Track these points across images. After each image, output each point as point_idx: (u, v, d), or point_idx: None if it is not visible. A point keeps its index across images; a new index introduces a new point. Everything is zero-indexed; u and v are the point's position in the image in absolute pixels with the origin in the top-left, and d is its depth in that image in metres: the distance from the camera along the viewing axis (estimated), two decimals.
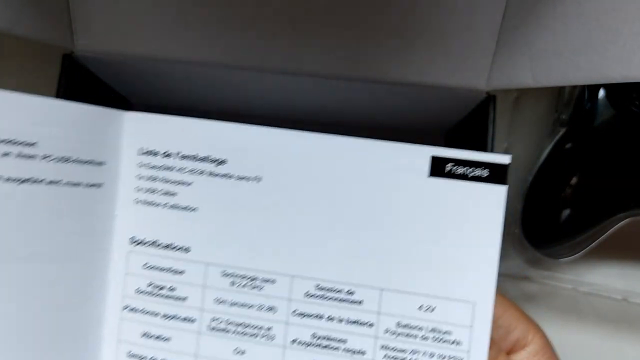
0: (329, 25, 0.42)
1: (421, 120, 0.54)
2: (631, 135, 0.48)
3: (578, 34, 0.37)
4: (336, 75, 0.44)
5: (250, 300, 0.31)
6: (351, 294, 0.30)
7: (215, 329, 0.31)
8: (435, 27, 0.42)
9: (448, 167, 0.30)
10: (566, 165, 0.52)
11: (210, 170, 0.30)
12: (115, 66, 0.46)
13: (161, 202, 0.31)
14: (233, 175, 0.30)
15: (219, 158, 0.30)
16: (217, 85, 0.49)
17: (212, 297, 0.31)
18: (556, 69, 0.39)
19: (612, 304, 0.56)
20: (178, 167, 0.31)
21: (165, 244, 0.31)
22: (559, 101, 0.54)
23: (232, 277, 0.31)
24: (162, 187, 0.31)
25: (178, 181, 0.31)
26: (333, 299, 0.30)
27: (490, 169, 0.29)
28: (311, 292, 0.30)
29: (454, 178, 0.29)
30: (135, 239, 0.31)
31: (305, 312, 0.30)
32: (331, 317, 0.30)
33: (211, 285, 0.31)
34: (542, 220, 0.54)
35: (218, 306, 0.31)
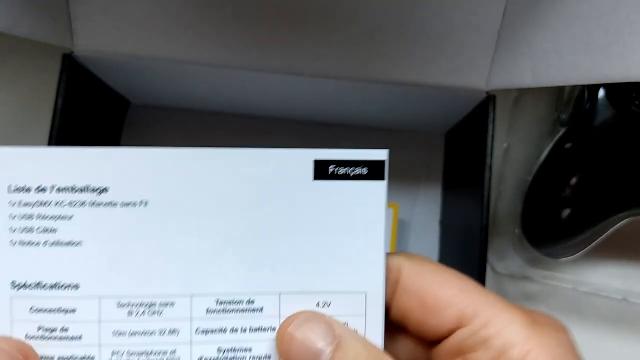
0: (329, 25, 0.42)
1: (421, 120, 0.54)
2: (631, 135, 0.48)
3: (578, 34, 0.37)
4: (336, 75, 0.44)
5: (151, 327, 0.30)
6: (252, 303, 0.30)
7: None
8: (435, 27, 0.42)
9: (331, 169, 0.30)
10: (566, 165, 0.52)
11: (92, 200, 0.29)
12: (115, 66, 0.46)
13: (40, 240, 0.29)
14: (117, 203, 0.29)
15: (100, 186, 0.29)
16: (216, 85, 0.49)
17: (109, 330, 0.29)
18: (556, 69, 0.39)
19: (612, 304, 0.56)
20: (55, 202, 0.28)
21: (51, 284, 0.29)
22: (559, 101, 0.54)
23: (129, 306, 0.29)
24: (40, 224, 0.29)
25: (57, 216, 0.29)
26: (235, 310, 0.30)
27: (369, 167, 0.30)
28: (212, 307, 0.30)
29: (337, 179, 0.30)
30: (17, 283, 0.29)
31: (208, 328, 0.30)
32: (235, 329, 0.30)
33: (107, 319, 0.29)
34: (542, 220, 0.54)
35: (117, 339, 0.29)
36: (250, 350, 0.30)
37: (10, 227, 0.28)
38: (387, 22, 0.42)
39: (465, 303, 0.30)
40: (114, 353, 0.29)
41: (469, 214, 0.50)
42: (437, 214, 0.59)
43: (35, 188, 0.28)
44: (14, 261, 0.29)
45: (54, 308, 0.29)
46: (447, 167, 0.59)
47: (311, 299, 0.30)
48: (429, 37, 0.42)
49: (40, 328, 0.29)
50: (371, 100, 0.49)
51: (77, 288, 0.29)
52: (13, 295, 0.29)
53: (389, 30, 0.42)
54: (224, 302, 0.30)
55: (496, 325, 0.29)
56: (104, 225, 0.29)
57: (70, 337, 0.29)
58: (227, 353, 0.30)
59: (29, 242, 0.28)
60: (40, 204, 0.28)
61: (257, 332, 0.30)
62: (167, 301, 0.29)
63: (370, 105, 0.50)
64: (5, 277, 0.29)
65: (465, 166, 0.53)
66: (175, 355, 0.30)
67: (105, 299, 0.29)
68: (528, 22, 0.40)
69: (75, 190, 0.28)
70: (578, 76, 0.37)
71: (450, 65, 0.44)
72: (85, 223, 0.29)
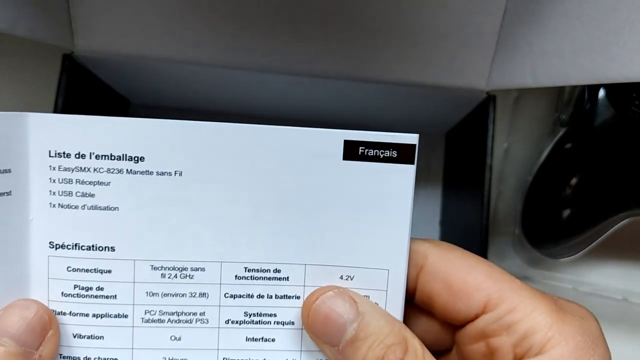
0: (329, 25, 0.42)
1: (421, 120, 0.54)
2: (631, 135, 0.48)
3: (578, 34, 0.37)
4: (336, 75, 0.44)
5: (182, 290, 0.31)
6: (278, 272, 0.32)
7: (150, 321, 0.31)
8: (435, 27, 0.42)
9: (360, 150, 0.31)
10: (566, 165, 0.52)
11: (129, 168, 0.30)
12: (115, 66, 0.46)
13: (79, 204, 0.30)
14: (153, 172, 0.30)
15: (136, 155, 0.30)
16: (216, 85, 0.49)
17: (143, 291, 0.31)
18: (557, 69, 0.39)
19: (612, 304, 0.56)
20: (94, 168, 0.30)
21: (87, 246, 0.30)
22: (559, 101, 0.54)
23: (162, 269, 0.31)
24: (79, 188, 0.30)
25: (95, 182, 0.30)
26: (262, 278, 0.32)
27: (398, 150, 0.31)
28: (240, 274, 0.31)
29: (366, 160, 0.31)
30: (55, 243, 0.30)
31: (236, 293, 0.32)
32: (261, 295, 0.32)
33: (141, 280, 0.31)
34: (542, 220, 0.54)
35: (150, 299, 0.31)
36: (275, 315, 0.32)
37: (49, 190, 0.30)
38: (388, 22, 0.42)
39: (492, 289, 0.31)
40: (147, 312, 0.31)
41: (469, 214, 0.50)
42: (437, 213, 0.59)
43: (75, 154, 0.30)
44: (52, 222, 0.30)
45: (90, 268, 0.30)
46: (447, 167, 0.59)
47: (335, 271, 0.32)
48: (429, 37, 0.42)
49: (76, 286, 0.30)
50: (371, 100, 0.49)
51: (113, 250, 0.30)
52: (50, 254, 0.30)
53: (389, 31, 0.42)
54: (252, 270, 0.32)
55: (521, 311, 0.30)
56: (140, 192, 0.30)
57: (105, 296, 0.31)
58: (253, 317, 0.32)
59: (67, 204, 0.30)
60: (79, 169, 0.30)
61: (282, 299, 0.32)
62: (198, 266, 0.31)
63: (370, 105, 0.50)
64: (43, 237, 0.30)
65: (465, 166, 0.53)
66: (204, 317, 0.32)
67: (139, 262, 0.31)
68: (528, 22, 0.40)
69: (112, 158, 0.30)
70: (578, 76, 0.37)
71: (450, 65, 0.44)
72: (122, 189, 0.30)
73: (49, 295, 0.31)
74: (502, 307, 0.30)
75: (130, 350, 0.31)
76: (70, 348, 0.31)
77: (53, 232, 0.30)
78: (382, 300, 0.32)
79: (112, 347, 0.31)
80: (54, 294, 0.31)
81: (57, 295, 0.31)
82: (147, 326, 0.31)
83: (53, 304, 0.31)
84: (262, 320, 0.32)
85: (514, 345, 0.30)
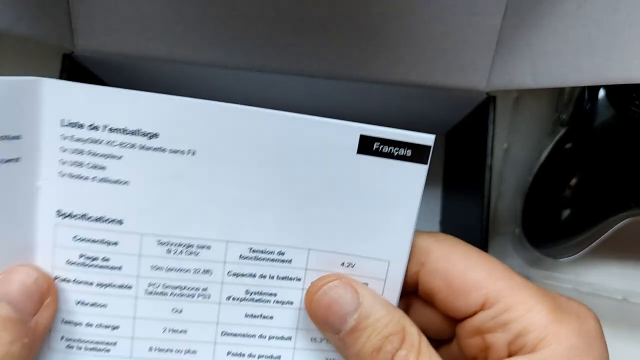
0: (329, 25, 0.42)
1: (421, 120, 0.54)
2: (631, 135, 0.48)
3: (578, 35, 0.37)
4: (336, 75, 0.44)
5: (187, 265, 0.32)
6: (282, 255, 0.32)
7: (153, 293, 0.32)
8: (435, 28, 0.42)
9: (375, 146, 0.31)
10: (566, 165, 0.52)
11: (142, 143, 0.30)
12: (116, 66, 0.46)
13: (89, 175, 0.30)
14: (166, 149, 0.30)
15: (150, 132, 0.30)
16: (217, 85, 0.49)
17: (148, 264, 0.32)
18: (556, 70, 0.39)
19: (612, 304, 0.56)
20: (106, 140, 0.30)
21: (95, 217, 0.31)
22: (559, 101, 0.54)
23: (168, 245, 0.32)
24: (90, 160, 0.30)
25: (107, 154, 0.30)
26: (265, 259, 0.32)
27: (413, 149, 0.31)
28: (245, 254, 0.32)
29: (380, 156, 0.31)
30: (62, 212, 0.31)
31: (239, 272, 0.32)
32: (263, 275, 0.33)
33: (147, 254, 0.32)
34: (542, 220, 0.54)
35: (154, 272, 0.32)
36: (275, 295, 0.33)
37: (60, 159, 0.30)
38: (388, 22, 0.42)
39: (490, 287, 0.31)
40: (150, 284, 0.32)
41: (469, 214, 0.50)
42: (437, 213, 0.59)
43: (88, 125, 0.30)
44: (60, 191, 0.30)
45: (97, 239, 0.31)
46: (447, 167, 0.59)
47: (337, 258, 0.33)
48: (430, 37, 0.42)
49: (82, 256, 0.31)
50: (371, 100, 0.49)
51: (121, 223, 0.31)
52: (57, 223, 0.31)
53: (389, 31, 0.42)
54: (257, 251, 0.32)
55: (517, 310, 0.30)
56: (151, 168, 0.30)
57: (111, 267, 0.31)
58: (254, 295, 0.33)
59: (77, 175, 0.30)
60: (91, 141, 0.30)
61: (283, 280, 0.33)
62: (204, 244, 0.32)
63: (370, 106, 0.50)
64: (51, 205, 0.30)
65: (465, 166, 0.53)
66: (206, 292, 0.33)
67: (146, 236, 0.31)
68: (528, 23, 0.40)
69: (126, 132, 0.30)
70: (578, 77, 0.37)
71: (450, 66, 0.44)
72: (134, 164, 0.30)
73: (53, 262, 0.31)
74: (499, 306, 0.31)
75: (132, 319, 0.32)
76: (73, 313, 0.32)
77: (61, 201, 0.31)
78: (380, 289, 0.33)
79: (114, 315, 0.32)
80: (59, 262, 0.31)
81: (61, 263, 0.31)
82: (150, 298, 0.32)
83: (57, 271, 0.31)
84: (262, 298, 0.33)
85: (508, 342, 0.30)
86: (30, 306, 0.29)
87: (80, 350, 0.32)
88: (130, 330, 0.32)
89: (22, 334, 0.28)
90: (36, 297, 0.30)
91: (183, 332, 0.33)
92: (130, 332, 0.33)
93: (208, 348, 0.33)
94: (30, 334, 0.29)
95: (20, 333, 0.28)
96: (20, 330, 0.28)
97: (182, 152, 0.30)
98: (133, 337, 0.33)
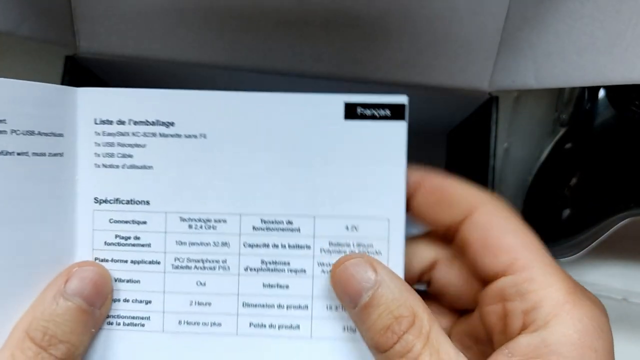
0: (331, 26, 0.42)
1: (424, 120, 0.54)
2: (631, 135, 0.48)
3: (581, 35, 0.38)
4: (338, 76, 0.45)
5: (207, 239, 0.35)
6: (290, 224, 0.36)
7: (179, 267, 0.36)
8: (438, 28, 0.42)
9: (359, 111, 0.35)
10: (566, 165, 0.52)
11: (161, 131, 0.34)
12: (118, 68, 0.46)
13: (119, 164, 0.35)
14: (181, 135, 0.35)
15: (167, 121, 0.34)
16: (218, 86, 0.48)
17: (173, 240, 0.35)
18: (559, 70, 0.39)
19: (612, 304, 0.57)
20: (132, 132, 0.34)
21: (126, 200, 0.35)
22: (559, 101, 0.54)
23: (189, 221, 0.35)
24: (119, 150, 0.35)
25: (133, 144, 0.35)
26: (276, 229, 0.36)
27: (391, 109, 0.35)
28: (257, 225, 0.35)
29: (364, 119, 0.35)
30: (99, 198, 0.35)
31: (254, 243, 0.36)
32: (275, 245, 0.36)
33: (171, 230, 0.35)
34: (542, 220, 0.54)
35: (179, 247, 0.35)
36: (288, 264, 0.36)
37: (94, 153, 0.35)
38: (390, 23, 0.42)
39: (520, 255, 0.32)
40: (176, 259, 0.36)
41: None
42: None
43: (116, 120, 0.34)
44: (96, 180, 0.35)
45: (129, 219, 0.35)
46: (449, 167, 0.59)
47: (341, 222, 0.36)
48: (432, 38, 0.42)
49: (117, 236, 0.35)
50: None
51: (148, 204, 0.35)
52: (95, 209, 0.35)
53: (391, 32, 0.42)
54: (267, 221, 0.36)
55: (538, 283, 0.31)
56: (170, 152, 0.35)
57: (141, 244, 0.35)
58: (269, 265, 0.36)
59: (109, 165, 0.35)
60: (119, 134, 0.34)
61: (294, 248, 0.36)
62: (220, 218, 0.35)
63: None
64: (89, 193, 0.35)
65: (468, 167, 0.53)
66: (225, 264, 0.36)
67: (170, 214, 0.35)
68: (531, 23, 0.40)
69: (147, 123, 0.34)
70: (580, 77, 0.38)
71: (452, 67, 0.44)
72: (156, 150, 0.35)
73: (93, 244, 0.35)
74: (523, 275, 0.32)
75: (162, 293, 0.36)
76: (112, 291, 0.36)
77: (97, 189, 0.35)
78: (385, 247, 0.36)
79: (147, 290, 0.36)
80: (98, 243, 0.35)
81: (100, 244, 0.35)
82: (176, 272, 0.36)
83: (97, 252, 0.35)
84: (277, 268, 0.36)
85: (524, 312, 0.31)
86: (98, 300, 0.34)
87: (119, 326, 0.35)
88: (161, 304, 0.36)
89: (91, 325, 0.33)
90: (103, 293, 0.34)
91: (208, 305, 0.36)
92: (161, 307, 0.36)
93: (231, 320, 0.36)
94: (97, 324, 0.34)
95: (90, 324, 0.33)
96: (90, 321, 0.33)
97: (195, 136, 0.35)
98: (164, 311, 0.36)
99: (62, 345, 0.32)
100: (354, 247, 0.36)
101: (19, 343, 0.31)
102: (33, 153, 0.32)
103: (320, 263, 0.36)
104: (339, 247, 0.36)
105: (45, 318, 0.32)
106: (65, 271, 0.34)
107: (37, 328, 0.32)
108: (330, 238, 0.36)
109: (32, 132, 0.32)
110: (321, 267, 0.36)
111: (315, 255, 0.36)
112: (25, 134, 0.32)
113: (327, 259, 0.36)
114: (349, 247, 0.36)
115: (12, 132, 0.32)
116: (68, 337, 0.32)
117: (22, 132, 0.32)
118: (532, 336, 0.30)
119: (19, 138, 0.32)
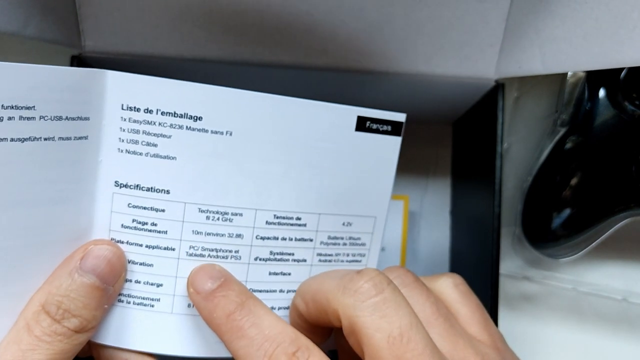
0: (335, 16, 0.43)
1: (430, 109, 0.54)
2: (631, 135, 0.49)
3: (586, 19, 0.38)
4: (343, 67, 0.45)
5: (222, 230, 0.37)
6: (299, 220, 0.39)
7: (193, 255, 0.37)
8: (442, 16, 0.42)
9: (367, 124, 0.38)
10: (566, 165, 0.52)
11: (188, 125, 0.35)
12: (124, 67, 0.46)
13: (143, 151, 0.35)
14: (208, 130, 0.35)
15: (195, 115, 0.35)
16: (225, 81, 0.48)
17: (189, 229, 0.37)
18: (565, 55, 0.40)
19: (612, 304, 0.57)
20: (159, 122, 0.35)
21: (147, 187, 0.36)
22: (559, 101, 0.54)
23: (207, 212, 0.37)
24: (144, 138, 0.35)
25: (159, 134, 0.35)
26: (286, 224, 0.39)
27: (392, 125, 0.39)
28: (270, 220, 0.38)
29: (370, 132, 0.39)
30: (119, 182, 0.36)
31: (265, 236, 0.38)
32: (284, 238, 0.39)
33: (189, 220, 0.36)
34: (542, 220, 0.54)
35: (195, 236, 0.37)
36: (292, 254, 0.39)
37: (119, 137, 0.35)
38: (394, 12, 0.42)
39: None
40: (191, 247, 0.37)
41: (480, 203, 0.50)
42: (447, 204, 0.60)
43: (144, 109, 0.35)
44: (118, 164, 0.35)
45: (148, 206, 0.36)
46: (456, 156, 0.60)
47: (340, 219, 0.40)
48: (436, 26, 0.43)
49: (134, 220, 0.36)
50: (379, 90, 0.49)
51: (168, 193, 0.36)
52: (115, 192, 0.36)
53: (396, 21, 0.43)
54: (280, 217, 0.38)
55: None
56: (195, 146, 0.36)
57: (158, 231, 0.36)
58: (276, 255, 0.39)
59: (133, 151, 0.35)
60: (146, 122, 0.35)
61: (299, 241, 0.39)
62: (237, 212, 0.37)
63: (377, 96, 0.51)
64: (110, 176, 0.36)
65: (475, 155, 0.53)
66: (238, 254, 0.38)
67: (189, 205, 0.36)
68: (536, 8, 0.41)
69: (175, 115, 0.35)
70: (587, 61, 0.38)
71: (458, 54, 0.45)
72: (181, 142, 0.35)
73: (110, 225, 0.36)
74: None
75: (174, 277, 0.37)
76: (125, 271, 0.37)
77: (119, 173, 0.36)
78: (368, 239, 0.41)
79: (159, 274, 0.37)
80: (115, 225, 0.36)
81: (117, 226, 0.36)
82: (190, 259, 0.37)
83: (113, 233, 0.36)
84: (283, 258, 0.39)
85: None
86: (112, 278, 0.35)
87: (129, 305, 0.37)
88: (172, 288, 0.37)
89: (104, 301, 0.35)
90: (117, 271, 0.36)
91: None
92: (172, 290, 0.37)
93: None
94: (109, 301, 0.36)
95: (102, 300, 0.35)
96: (103, 298, 0.35)
97: (222, 132, 0.36)
98: (174, 294, 0.37)
99: (75, 319, 0.33)
100: (346, 240, 0.41)
101: (34, 315, 0.33)
102: (59, 137, 0.33)
103: (319, 254, 0.40)
104: (335, 240, 0.40)
105: (61, 293, 0.33)
106: (81, 248, 0.35)
107: (52, 302, 0.33)
108: (329, 232, 0.40)
109: (60, 117, 0.33)
110: (319, 257, 0.40)
111: (315, 247, 0.40)
112: (53, 120, 0.32)
113: (325, 251, 0.40)
114: (342, 239, 0.40)
115: (41, 118, 0.32)
116: (81, 312, 0.34)
117: (50, 117, 0.32)
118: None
119: (47, 124, 0.32)
